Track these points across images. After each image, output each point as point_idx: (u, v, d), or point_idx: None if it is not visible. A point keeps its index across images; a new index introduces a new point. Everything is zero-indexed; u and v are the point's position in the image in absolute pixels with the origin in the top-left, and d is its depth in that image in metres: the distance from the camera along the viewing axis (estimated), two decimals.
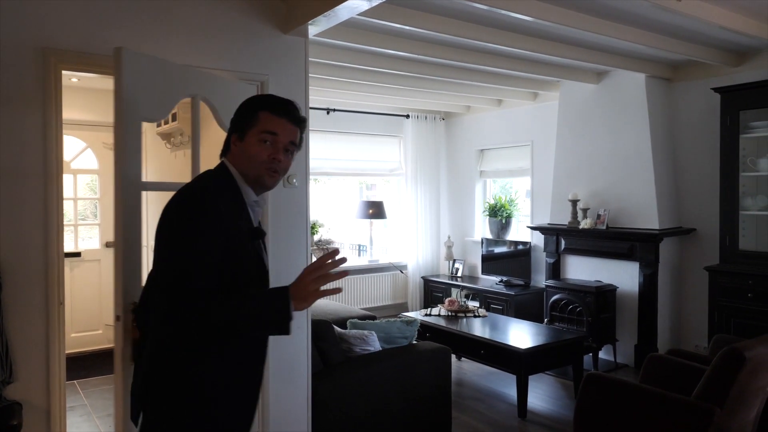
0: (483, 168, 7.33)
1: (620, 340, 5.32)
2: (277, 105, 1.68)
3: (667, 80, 5.33)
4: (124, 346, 2.04)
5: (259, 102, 1.71)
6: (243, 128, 1.65)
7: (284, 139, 1.65)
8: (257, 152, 1.63)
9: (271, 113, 1.65)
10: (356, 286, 7.14)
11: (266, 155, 1.63)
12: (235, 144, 1.66)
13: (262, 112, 1.65)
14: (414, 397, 3.49)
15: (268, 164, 1.64)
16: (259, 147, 1.63)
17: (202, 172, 1.75)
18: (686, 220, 5.26)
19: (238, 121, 1.68)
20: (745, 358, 2.54)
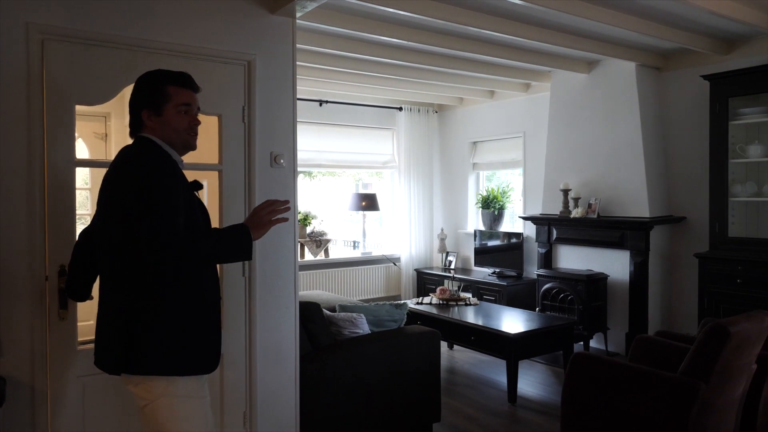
0: (476, 160, 7.34)
1: (611, 328, 5.33)
2: (181, 78, 1.98)
3: (658, 69, 5.35)
4: (50, 301, 2.44)
5: (163, 78, 1.96)
6: (157, 104, 1.92)
7: (194, 106, 2.00)
8: (179, 122, 1.95)
9: (177, 86, 1.95)
10: (349, 278, 7.14)
11: (187, 123, 1.97)
12: (151, 119, 1.93)
13: (171, 87, 1.94)
14: (403, 380, 3.49)
15: (190, 130, 1.98)
16: (179, 117, 1.95)
17: (126, 146, 2.00)
18: (677, 209, 5.28)
19: (148, 98, 1.94)
20: (730, 333, 2.55)
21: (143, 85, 1.97)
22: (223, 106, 2.91)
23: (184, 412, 1.90)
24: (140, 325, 1.85)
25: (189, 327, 1.90)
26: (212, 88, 2.85)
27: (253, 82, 2.97)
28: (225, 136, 2.93)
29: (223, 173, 2.93)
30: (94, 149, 5.80)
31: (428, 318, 4.81)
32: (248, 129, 2.98)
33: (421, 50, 5.14)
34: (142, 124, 1.95)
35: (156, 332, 1.86)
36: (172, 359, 1.87)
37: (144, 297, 1.85)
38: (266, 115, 3.04)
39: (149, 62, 2.65)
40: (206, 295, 1.97)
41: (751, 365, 2.88)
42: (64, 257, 2.40)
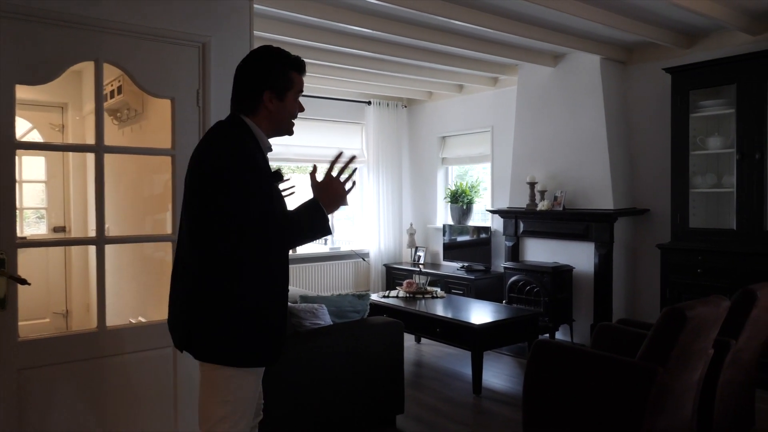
0: (445, 155, 7.33)
1: (577, 319, 5.36)
2: (303, 66, 1.98)
3: (622, 63, 5.40)
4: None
5: (288, 63, 1.94)
6: (281, 89, 1.90)
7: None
8: (294, 108, 1.95)
9: (299, 74, 1.96)
10: (318, 274, 7.06)
11: (297, 109, 1.97)
12: (272, 102, 1.89)
13: (294, 73, 1.94)
14: (366, 371, 3.43)
15: (295, 116, 1.98)
16: (295, 104, 1.96)
17: (220, 124, 1.95)
18: (640, 201, 5.33)
19: (273, 81, 1.89)
20: (686, 318, 2.56)
21: (268, 65, 1.92)
22: (176, 89, 2.81)
23: (243, 393, 1.88)
24: (208, 310, 1.82)
25: (256, 316, 1.83)
26: (165, 71, 2.77)
27: (208, 65, 2.88)
28: (178, 121, 2.84)
29: (176, 159, 2.83)
30: (50, 140, 5.62)
31: (394, 311, 4.77)
32: (203, 113, 2.89)
33: (389, 41, 5.10)
34: (259, 103, 1.90)
35: (222, 318, 1.81)
36: (233, 350, 1.82)
37: (214, 283, 1.81)
38: (222, 99, 2.94)
39: (97, 42, 2.56)
40: (277, 282, 1.90)
41: (708, 350, 2.90)
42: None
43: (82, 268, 5.45)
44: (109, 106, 4.41)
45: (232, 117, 1.93)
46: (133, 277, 4.30)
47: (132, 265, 4.24)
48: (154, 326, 2.84)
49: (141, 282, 4.15)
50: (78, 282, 5.43)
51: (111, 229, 4.37)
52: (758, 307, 3.15)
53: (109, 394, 2.66)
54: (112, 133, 4.68)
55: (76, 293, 5.56)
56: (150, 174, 3.90)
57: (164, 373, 2.82)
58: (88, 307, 5.39)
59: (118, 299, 4.28)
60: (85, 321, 5.20)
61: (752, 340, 3.30)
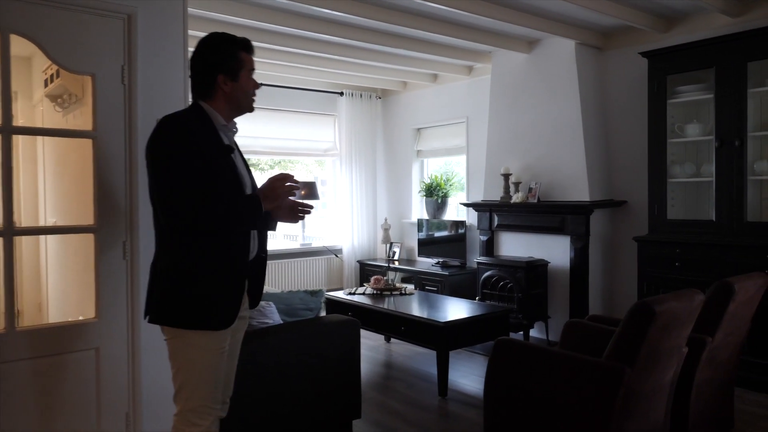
0: (420, 147, 7.09)
1: (552, 316, 5.14)
2: (249, 45, 2.09)
3: (598, 49, 5.18)
4: None
5: (236, 44, 2.05)
6: (233, 70, 2.02)
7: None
8: (249, 86, 2.07)
9: (247, 53, 2.07)
10: (289, 270, 6.80)
11: (252, 86, 2.09)
12: (227, 84, 2.02)
13: (243, 53, 2.05)
14: (318, 374, 3.18)
15: (253, 93, 2.11)
16: (250, 81, 2.08)
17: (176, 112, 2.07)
18: (617, 192, 5.12)
19: (224, 64, 2.01)
20: (655, 313, 2.33)
21: (216, 50, 2.03)
22: (97, 64, 2.56)
23: (191, 357, 1.98)
24: (160, 277, 1.97)
25: (200, 283, 1.94)
26: (84, 44, 2.52)
27: (134, 39, 2.62)
28: (100, 99, 2.58)
29: (98, 141, 2.57)
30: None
31: (359, 308, 4.52)
32: (129, 91, 2.63)
33: (359, 25, 4.90)
34: (215, 87, 2.02)
35: (165, 285, 1.95)
36: (179, 313, 1.95)
37: (166, 252, 1.98)
38: (151, 76, 2.69)
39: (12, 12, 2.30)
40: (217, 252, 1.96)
41: (681, 348, 2.68)
42: None
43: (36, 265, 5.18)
44: (49, 91, 4.13)
45: (191, 104, 2.07)
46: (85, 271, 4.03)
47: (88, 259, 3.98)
48: (77, 327, 2.58)
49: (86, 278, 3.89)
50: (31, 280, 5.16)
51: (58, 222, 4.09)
52: (736, 302, 2.93)
53: (22, 399, 2.40)
54: (56, 120, 4.39)
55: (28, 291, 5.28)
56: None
57: (86, 377, 2.56)
58: (40, 306, 5.12)
59: (65, 297, 4.01)
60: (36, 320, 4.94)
61: (730, 337, 3.09)
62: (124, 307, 2.64)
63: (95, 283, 2.59)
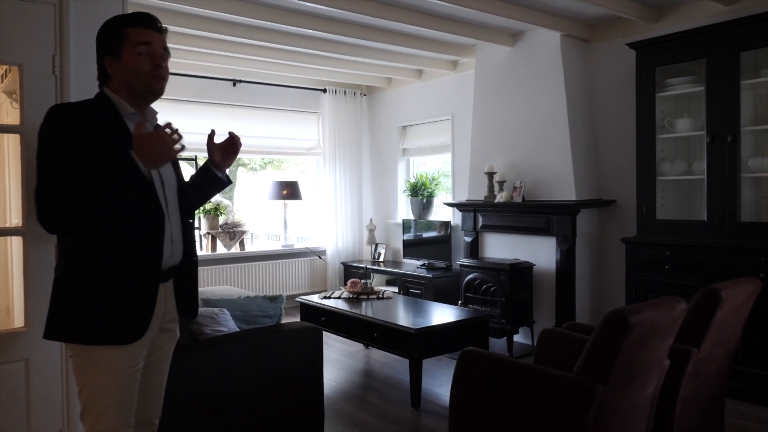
0: (405, 146, 6.88)
1: (538, 321, 4.92)
2: (139, 18, 1.83)
3: (585, 41, 4.96)
4: None
5: (120, 21, 1.83)
6: (115, 49, 1.79)
7: (158, 46, 1.82)
8: (139, 64, 1.78)
9: (136, 27, 1.80)
10: (271, 272, 6.59)
11: (149, 65, 1.79)
12: (112, 66, 1.80)
13: (128, 29, 1.79)
14: (277, 385, 2.97)
15: (153, 72, 1.80)
16: (139, 59, 1.78)
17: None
18: (606, 191, 4.89)
19: (106, 45, 1.81)
20: (629, 324, 2.11)
21: (100, 32, 1.84)
22: (25, 54, 2.37)
23: (94, 377, 1.75)
24: (54, 287, 1.79)
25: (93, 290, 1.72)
26: (9, 32, 2.32)
27: (65, 26, 2.42)
28: (28, 91, 2.38)
29: (26, 136, 2.36)
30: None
31: (331, 313, 4.31)
32: (60, 83, 2.42)
33: (341, 19, 4.72)
34: (107, 74, 1.83)
35: (56, 295, 1.77)
36: (72, 326, 1.74)
37: (60, 257, 1.82)
38: (86, 66, 2.47)
39: None
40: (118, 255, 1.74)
41: (661, 361, 2.46)
42: None
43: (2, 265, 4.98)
44: (5, 87, 3.93)
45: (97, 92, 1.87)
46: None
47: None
48: (4, 336, 2.37)
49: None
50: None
51: (20, 222, 3.88)
52: (724, 310, 2.71)
53: None
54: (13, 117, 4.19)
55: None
56: None
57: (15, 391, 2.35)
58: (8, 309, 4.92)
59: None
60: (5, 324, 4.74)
61: (719, 348, 2.87)
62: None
63: (24, 289, 2.40)
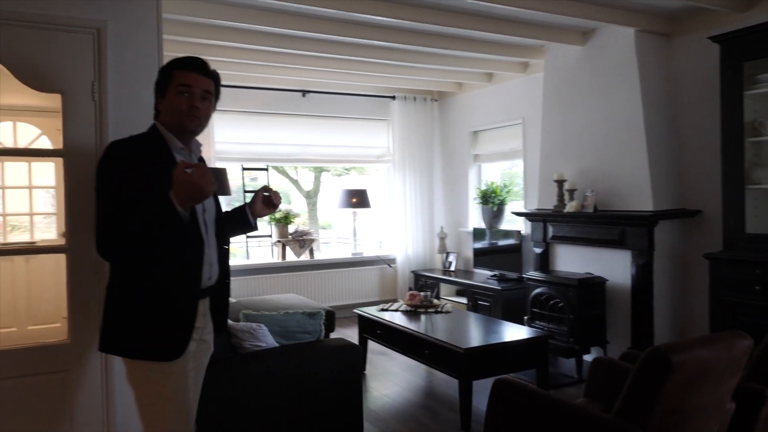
0: (477, 151, 6.66)
1: (612, 341, 4.55)
2: (187, 62, 2.00)
3: (665, 36, 4.53)
4: None
5: (171, 64, 2.01)
6: (162, 89, 1.99)
7: (198, 89, 1.97)
8: (177, 103, 1.96)
9: (183, 70, 1.98)
10: (340, 280, 6.62)
11: (185, 105, 1.96)
12: (160, 103, 2.01)
13: (176, 71, 1.98)
14: (313, 403, 2.95)
15: (189, 112, 1.96)
16: (178, 99, 1.96)
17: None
18: (690, 200, 4.44)
19: (158, 84, 2.02)
20: (672, 365, 1.86)
21: (158, 72, 2.04)
22: (67, 82, 2.47)
23: (154, 386, 1.91)
24: (106, 305, 1.97)
25: (140, 311, 1.89)
26: (52, 62, 2.44)
27: (104, 54, 2.51)
28: (69, 117, 2.50)
29: (68, 160, 2.49)
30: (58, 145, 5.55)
31: (385, 327, 4.24)
32: (99, 107, 2.52)
33: (409, 29, 4.68)
34: (157, 110, 2.04)
35: (110, 313, 1.94)
36: (122, 342, 1.92)
37: (111, 278, 1.97)
38: (124, 92, 2.58)
39: None
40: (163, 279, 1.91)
41: (723, 404, 2.15)
42: None
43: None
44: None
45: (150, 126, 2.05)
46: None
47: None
48: (45, 349, 2.51)
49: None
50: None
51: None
52: None
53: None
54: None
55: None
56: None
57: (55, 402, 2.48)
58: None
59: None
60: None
61: None
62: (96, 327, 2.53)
63: (68, 305, 2.52)
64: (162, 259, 1.88)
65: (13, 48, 2.37)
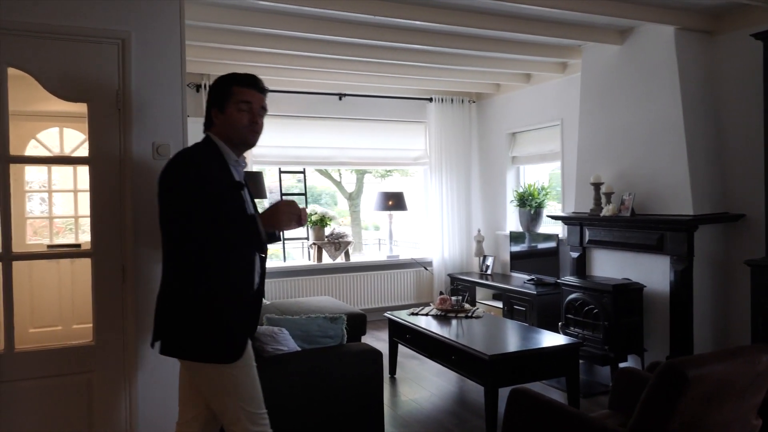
0: (515, 153, 6.55)
1: (650, 349, 4.39)
2: (245, 79, 2.13)
3: (707, 33, 4.33)
4: None
5: (229, 79, 2.13)
6: (221, 103, 2.09)
7: (257, 105, 2.12)
8: (238, 119, 2.08)
9: (241, 86, 2.10)
10: (375, 283, 6.63)
11: (246, 120, 2.09)
12: (217, 117, 2.11)
13: (235, 87, 2.09)
14: (334, 407, 2.96)
15: (250, 127, 2.10)
16: (239, 115, 2.08)
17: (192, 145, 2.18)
18: (733, 204, 4.23)
19: (215, 98, 2.12)
20: (688, 380, 1.78)
21: (213, 86, 2.15)
22: (92, 91, 2.56)
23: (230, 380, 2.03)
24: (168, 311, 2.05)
25: (212, 315, 2.00)
26: (78, 72, 2.54)
27: (128, 63, 2.60)
28: (95, 125, 2.58)
29: (94, 167, 2.59)
30: None
31: (414, 331, 4.22)
32: (124, 116, 2.61)
33: (448, 32, 4.68)
34: (211, 122, 2.13)
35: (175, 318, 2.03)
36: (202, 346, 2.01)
37: (179, 283, 2.03)
38: (147, 100, 2.66)
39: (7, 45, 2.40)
40: (233, 283, 2.05)
41: (747, 420, 2.05)
42: None
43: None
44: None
45: (205, 136, 2.15)
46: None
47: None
48: (71, 350, 2.61)
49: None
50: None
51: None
52: None
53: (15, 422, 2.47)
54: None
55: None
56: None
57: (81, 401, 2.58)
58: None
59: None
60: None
61: None
62: (119, 330, 2.62)
63: (93, 308, 2.61)
64: (229, 267, 2.03)
65: (40, 59, 2.48)
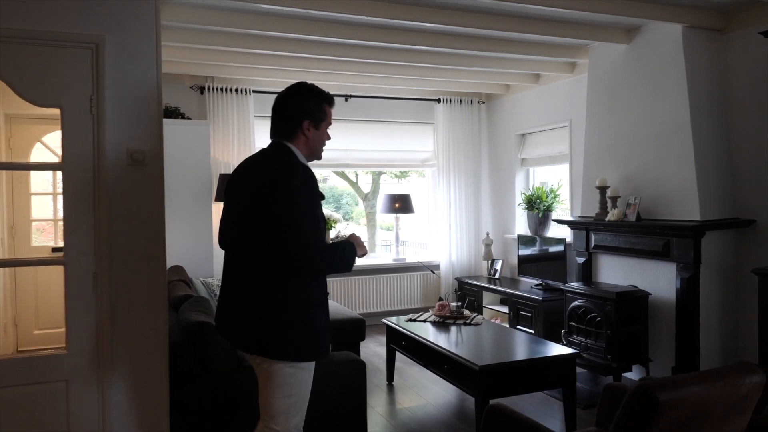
0: (524, 155, 6.40)
1: (655, 360, 4.23)
2: (332, 100, 2.30)
3: (716, 31, 4.15)
4: None
5: (324, 98, 2.25)
6: (317, 120, 2.23)
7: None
8: (326, 138, 2.29)
9: (330, 107, 2.28)
10: (381, 286, 6.55)
11: (326, 138, 2.30)
12: (309, 130, 2.21)
13: (326, 106, 2.26)
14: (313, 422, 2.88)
15: (324, 145, 2.30)
16: (327, 135, 2.29)
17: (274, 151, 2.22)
18: (743, 209, 4.04)
19: (310, 113, 2.21)
20: (659, 404, 1.66)
21: (308, 99, 2.22)
22: (66, 96, 2.54)
23: (305, 381, 2.17)
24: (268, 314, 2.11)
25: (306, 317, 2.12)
26: (51, 77, 2.52)
27: (101, 68, 2.57)
28: (68, 131, 2.56)
29: (67, 173, 2.56)
30: None
31: (408, 338, 4.12)
32: (97, 122, 2.58)
33: (453, 33, 4.60)
34: (297, 130, 2.20)
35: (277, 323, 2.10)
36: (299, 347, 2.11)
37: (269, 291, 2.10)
38: (121, 106, 2.62)
39: None
40: (316, 291, 2.17)
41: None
42: None
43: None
44: None
45: (278, 143, 2.22)
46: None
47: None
48: (45, 358, 2.59)
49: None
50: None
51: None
52: None
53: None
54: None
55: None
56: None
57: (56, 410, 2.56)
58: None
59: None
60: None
61: None
62: (92, 341, 2.59)
63: (65, 316, 2.59)
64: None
65: (11, 64, 2.45)
